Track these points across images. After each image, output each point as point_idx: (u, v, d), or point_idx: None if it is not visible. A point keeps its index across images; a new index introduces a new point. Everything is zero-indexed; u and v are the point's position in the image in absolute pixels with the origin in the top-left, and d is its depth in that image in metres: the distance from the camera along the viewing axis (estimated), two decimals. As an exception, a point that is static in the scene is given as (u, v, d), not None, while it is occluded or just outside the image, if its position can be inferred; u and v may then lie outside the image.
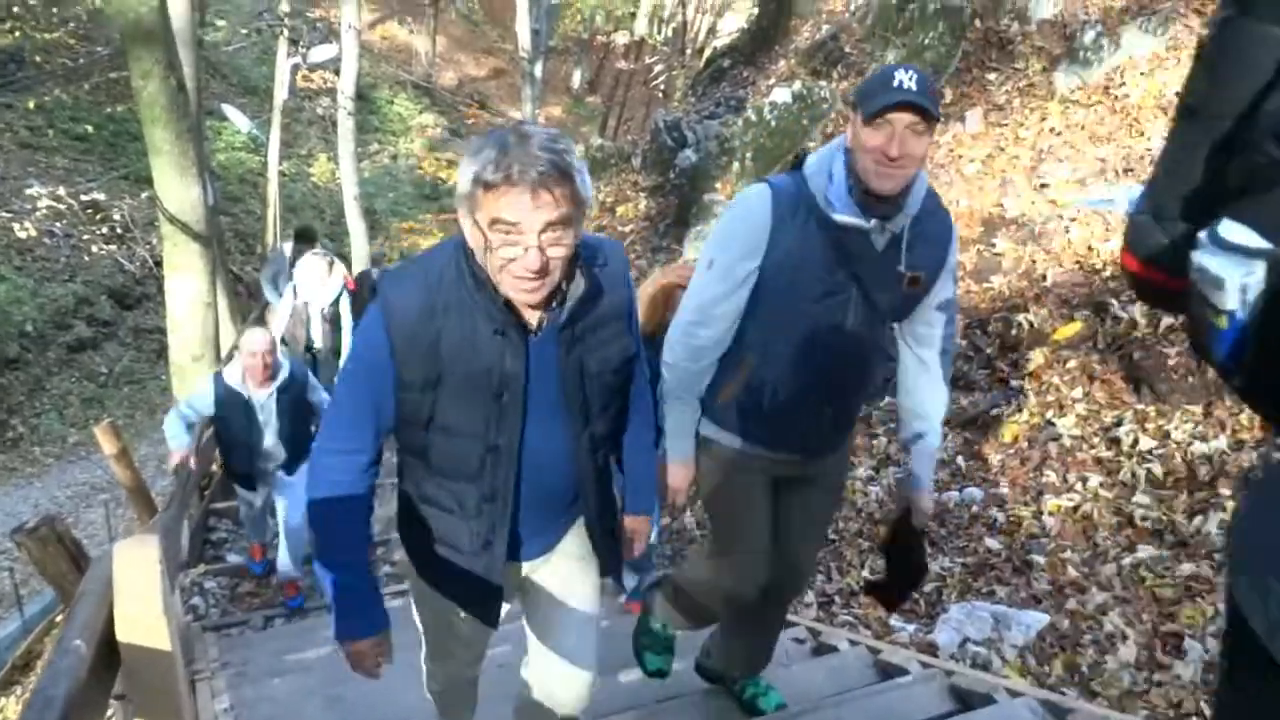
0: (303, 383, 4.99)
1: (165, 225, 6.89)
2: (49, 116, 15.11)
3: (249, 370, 4.70)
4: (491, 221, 1.50)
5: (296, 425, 4.99)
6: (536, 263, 1.50)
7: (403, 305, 1.65)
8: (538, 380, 1.71)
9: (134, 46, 6.37)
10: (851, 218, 2.03)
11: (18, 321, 11.76)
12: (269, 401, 4.82)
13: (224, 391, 4.79)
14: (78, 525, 9.00)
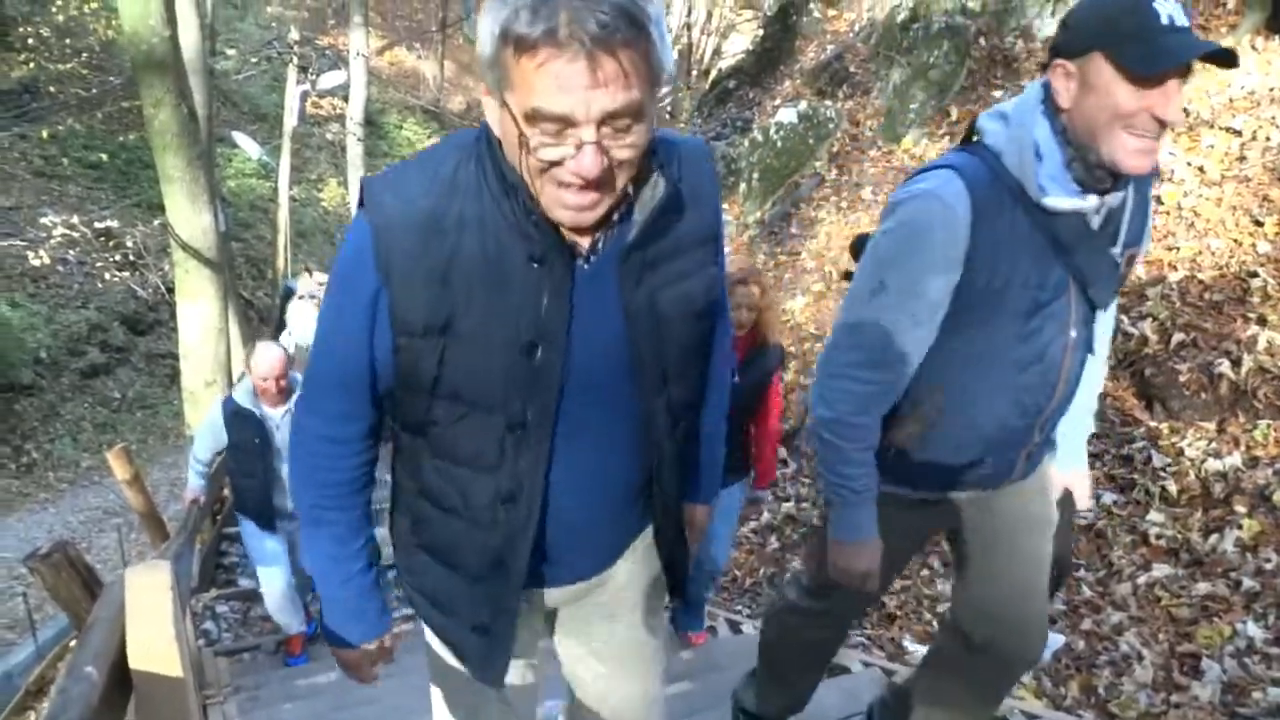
0: None
1: (177, 252, 6.95)
2: (62, 145, 15.29)
3: (261, 394, 4.29)
4: (529, 114, 1.04)
5: None
6: (594, 167, 1.04)
7: (399, 213, 1.18)
8: (586, 329, 1.23)
9: (146, 76, 6.45)
10: (1071, 200, 1.57)
11: (32, 348, 11.85)
12: (285, 420, 4.23)
13: (233, 412, 4.31)
14: (91, 550, 9.04)
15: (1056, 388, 1.71)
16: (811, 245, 7.95)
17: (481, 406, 1.24)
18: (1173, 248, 4.97)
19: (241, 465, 4.39)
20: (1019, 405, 1.71)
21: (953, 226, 1.57)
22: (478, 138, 1.20)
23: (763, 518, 5.69)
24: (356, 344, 1.24)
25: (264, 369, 4.19)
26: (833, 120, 8.99)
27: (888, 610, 4.24)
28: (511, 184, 1.14)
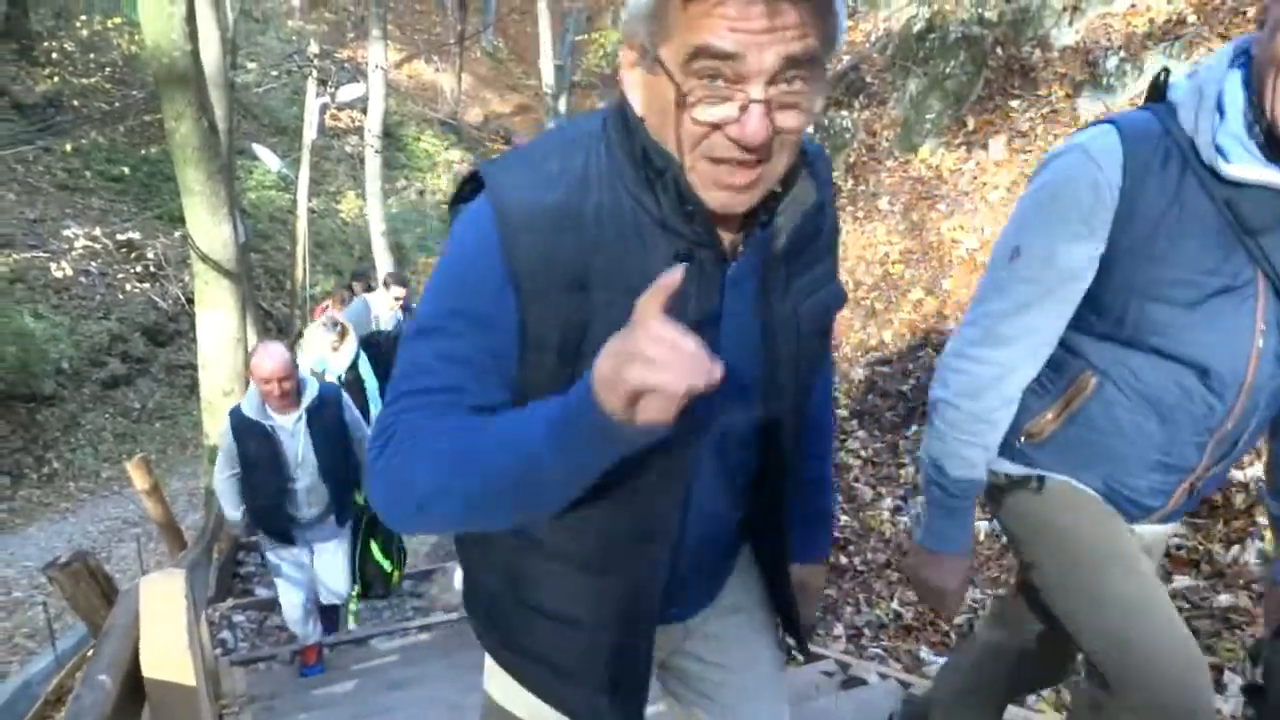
0: (336, 403, 4.19)
1: (197, 263, 7.02)
2: (86, 159, 15.48)
3: (267, 398, 3.96)
4: (692, 54, 0.88)
5: (335, 459, 4.14)
6: (760, 131, 0.89)
7: (531, 206, 0.99)
8: (732, 337, 1.07)
9: (167, 90, 6.53)
10: (1257, 169, 1.28)
11: (54, 359, 11.98)
12: (297, 428, 4.01)
13: (240, 423, 4.00)
14: (110, 560, 9.10)
15: (1234, 406, 1.39)
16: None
17: None
18: (1192, 257, 4.93)
19: (254, 480, 4.07)
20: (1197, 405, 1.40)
21: (1099, 188, 1.34)
22: (604, 124, 1.03)
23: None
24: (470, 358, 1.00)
25: (266, 369, 3.85)
26: (849, 130, 8.98)
27: (905, 621, 4.21)
28: (658, 168, 0.97)
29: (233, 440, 4.02)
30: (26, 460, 11.01)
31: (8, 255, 12.32)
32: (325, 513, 4.24)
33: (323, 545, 4.38)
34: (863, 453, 5.82)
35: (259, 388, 3.94)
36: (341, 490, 4.23)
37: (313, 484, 4.10)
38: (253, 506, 4.16)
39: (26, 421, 11.28)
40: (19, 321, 11.73)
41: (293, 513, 4.13)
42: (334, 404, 4.18)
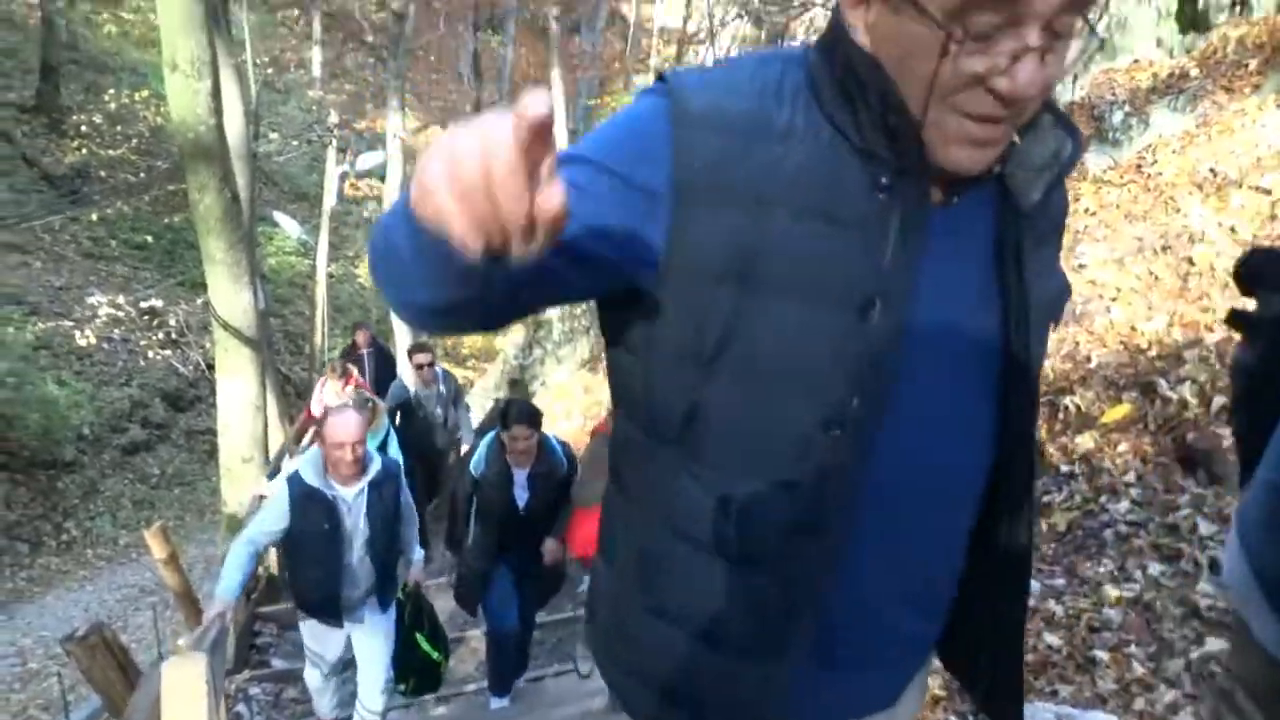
0: (397, 480, 3.98)
1: (218, 330, 7.10)
2: (111, 227, 15.79)
3: (335, 464, 3.67)
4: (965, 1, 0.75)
5: (387, 538, 3.94)
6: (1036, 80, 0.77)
7: (711, 107, 0.86)
8: (935, 299, 0.88)
9: (192, 161, 6.67)
10: None
11: (75, 425, 12.07)
12: (358, 501, 3.77)
13: (301, 492, 3.70)
14: (126, 629, 9.06)
15: None
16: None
17: (787, 389, 0.85)
18: (1208, 309, 4.92)
19: (306, 555, 3.77)
20: None
21: None
22: (804, 50, 0.90)
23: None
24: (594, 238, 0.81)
25: (341, 433, 3.58)
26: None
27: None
28: (861, 81, 0.82)
29: (288, 508, 3.69)
30: (46, 528, 11.03)
31: (34, 323, 12.50)
32: (368, 594, 3.99)
33: (363, 629, 4.07)
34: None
35: (329, 454, 3.65)
36: (387, 571, 4.01)
37: (360, 561, 3.85)
38: (299, 581, 3.91)
39: (47, 488, 11.33)
40: (43, 389, 11.85)
41: (344, 591, 3.86)
42: (395, 480, 3.97)
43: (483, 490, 4.37)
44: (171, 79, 6.42)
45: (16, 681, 8.21)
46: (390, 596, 4.12)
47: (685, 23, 29.40)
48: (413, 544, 4.33)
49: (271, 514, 3.74)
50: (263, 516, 3.81)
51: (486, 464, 4.37)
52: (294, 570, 3.91)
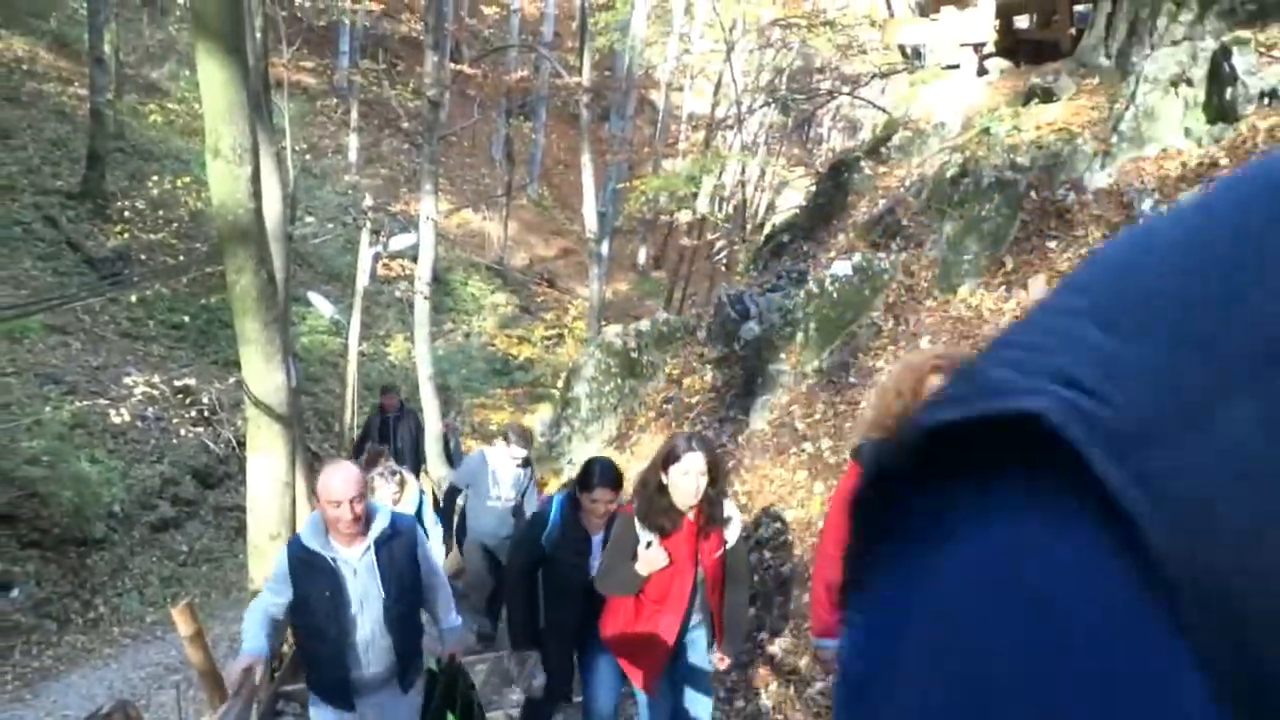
0: (410, 536, 3.56)
1: (250, 408, 7.19)
2: (149, 308, 16.16)
3: (333, 525, 3.35)
4: None
5: (404, 604, 3.52)
6: None
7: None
8: None
9: (231, 244, 6.85)
10: None
11: (106, 503, 12.17)
12: (364, 563, 3.37)
13: (299, 554, 3.38)
14: (149, 707, 8.97)
15: None
16: (871, 394, 7.92)
17: None
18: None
19: (309, 624, 3.41)
20: None
21: None
22: None
23: (830, 678, 5.46)
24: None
25: (338, 489, 3.25)
26: (887, 271, 9.12)
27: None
28: None
29: (288, 573, 3.39)
30: (74, 605, 11.05)
31: (71, 402, 12.72)
32: (388, 675, 3.53)
33: (382, 715, 3.63)
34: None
35: (325, 513, 3.33)
36: (408, 644, 3.58)
37: (374, 636, 3.41)
38: (306, 651, 3.56)
39: (77, 565, 11.38)
40: (76, 466, 12.00)
41: (354, 672, 3.42)
42: (407, 536, 3.54)
43: (557, 563, 4.00)
44: (214, 165, 6.64)
45: (37, 762, 8.14)
46: (413, 677, 3.69)
47: (713, 109, 30.13)
48: (446, 610, 3.82)
49: (274, 581, 3.45)
50: (269, 582, 3.51)
51: (562, 532, 3.97)
52: (301, 646, 3.60)
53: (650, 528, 3.48)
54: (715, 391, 10.47)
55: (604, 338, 12.43)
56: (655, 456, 3.58)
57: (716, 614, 3.78)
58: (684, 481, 3.38)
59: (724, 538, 3.66)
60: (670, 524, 3.48)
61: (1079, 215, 7.71)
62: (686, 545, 3.55)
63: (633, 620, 3.67)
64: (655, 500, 3.47)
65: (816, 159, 30.88)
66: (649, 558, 3.43)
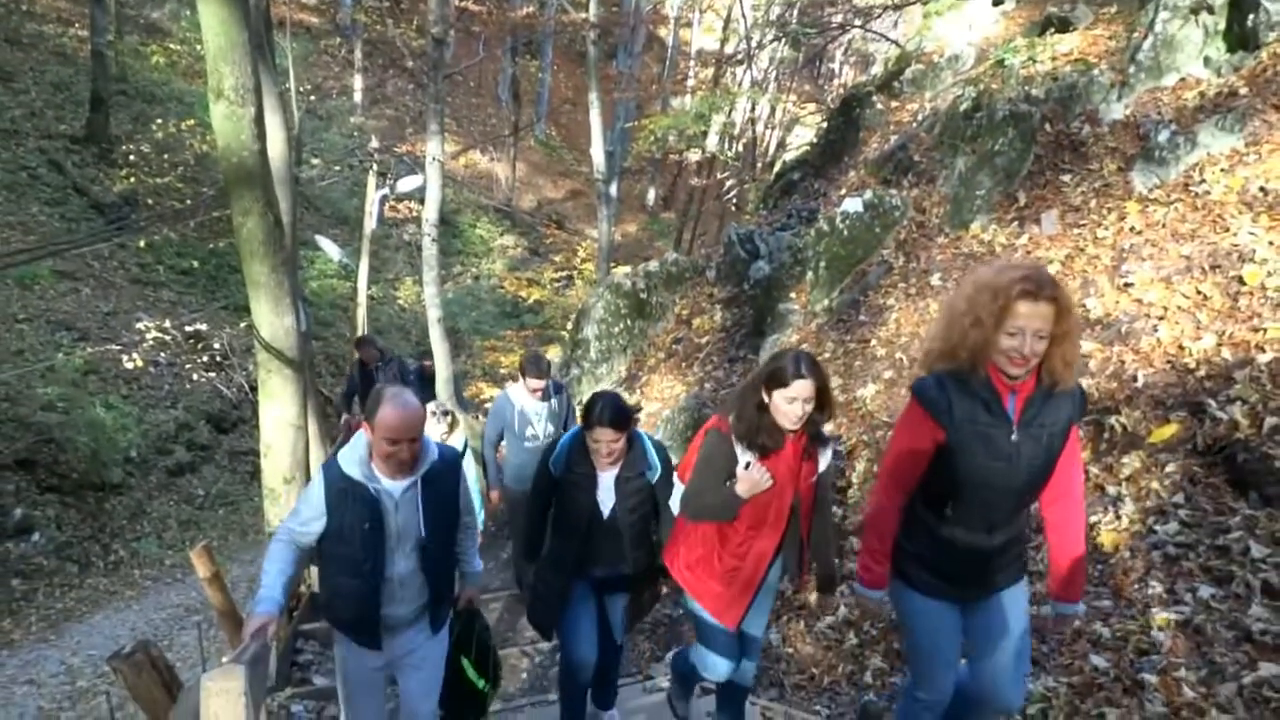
0: (455, 471, 3.33)
1: (260, 353, 7.20)
2: (158, 253, 16.17)
3: (384, 460, 3.06)
4: None
5: (442, 542, 3.31)
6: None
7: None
8: None
9: (236, 187, 6.79)
10: None
11: (123, 448, 12.31)
12: (408, 497, 3.13)
13: (338, 482, 3.08)
14: (171, 648, 9.18)
15: None
16: (881, 332, 7.89)
17: None
18: (1259, 329, 4.81)
19: (343, 555, 3.13)
20: None
21: None
22: None
23: (839, 612, 5.53)
24: None
25: (398, 426, 2.97)
26: (899, 208, 9.01)
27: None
28: None
29: (323, 502, 3.09)
30: (94, 549, 11.24)
31: (83, 348, 12.80)
32: (418, 614, 3.33)
33: (411, 657, 3.40)
34: (924, 534, 5.68)
35: (377, 447, 3.03)
36: (442, 583, 3.38)
37: (409, 573, 3.20)
38: (333, 587, 3.26)
39: (95, 510, 11.55)
40: (91, 412, 12.11)
41: (379, 607, 3.20)
42: (453, 472, 3.31)
43: (563, 492, 3.76)
44: (216, 106, 6.55)
45: (66, 700, 8.34)
46: (444, 616, 3.48)
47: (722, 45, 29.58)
48: (472, 554, 3.66)
49: (306, 509, 3.13)
50: (298, 510, 3.20)
51: (568, 463, 3.73)
52: (328, 579, 3.27)
53: (750, 447, 3.18)
54: (724, 331, 10.44)
55: (613, 279, 12.38)
56: (759, 373, 3.27)
57: (806, 540, 3.42)
58: (790, 408, 3.10)
59: (819, 461, 3.32)
60: (773, 443, 3.17)
61: (1093, 148, 7.57)
62: (788, 466, 3.23)
63: (719, 549, 3.34)
64: (756, 419, 3.16)
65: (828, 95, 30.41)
66: (751, 478, 3.14)
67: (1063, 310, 2.57)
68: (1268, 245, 5.29)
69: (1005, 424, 2.64)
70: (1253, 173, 5.98)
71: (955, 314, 2.65)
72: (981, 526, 2.76)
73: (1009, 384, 2.64)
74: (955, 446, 2.66)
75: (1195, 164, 6.54)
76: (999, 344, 2.56)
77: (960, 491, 2.73)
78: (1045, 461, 2.71)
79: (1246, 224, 5.60)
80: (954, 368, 2.66)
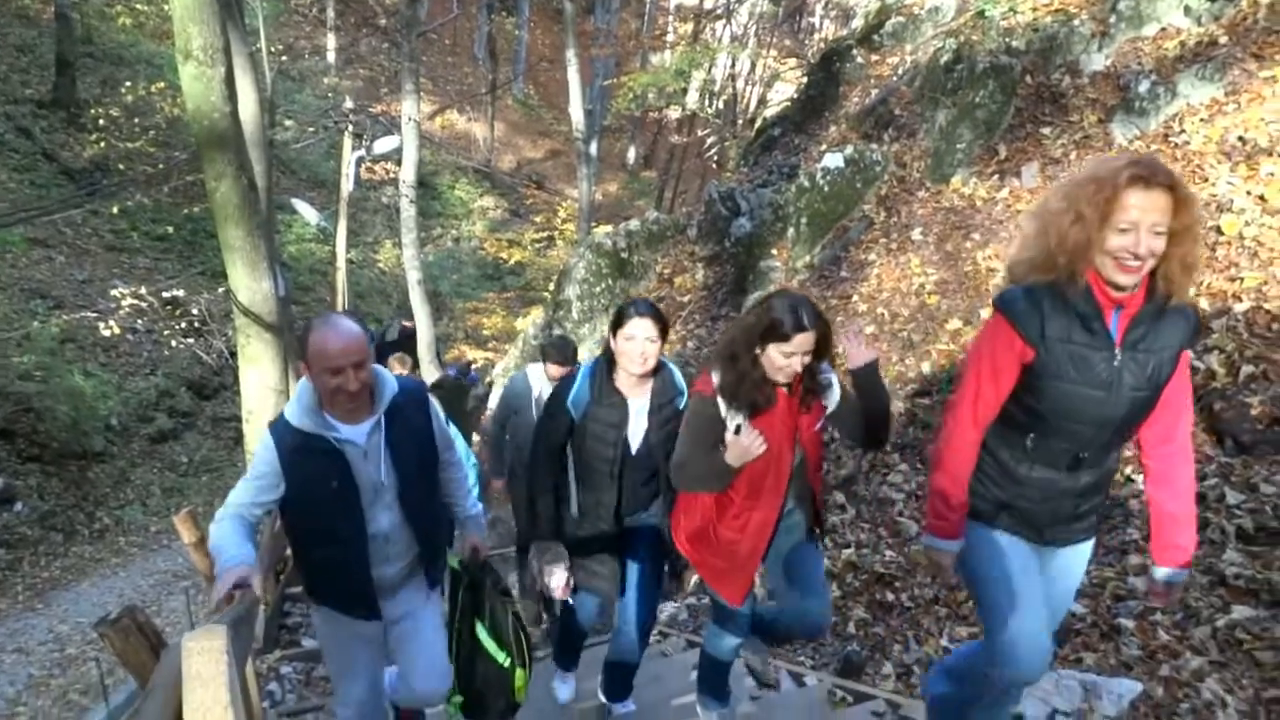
0: (422, 405, 2.86)
1: (239, 318, 7.16)
2: (132, 219, 15.94)
3: (330, 398, 2.60)
4: None
5: (424, 485, 2.88)
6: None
7: None
8: None
9: (208, 149, 6.70)
10: None
11: (103, 415, 12.23)
12: (374, 441, 2.68)
13: (288, 438, 2.61)
14: (160, 613, 9.20)
15: None
16: (863, 288, 7.90)
17: None
18: (1236, 278, 4.84)
19: (314, 526, 2.72)
20: None
21: None
22: None
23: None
24: None
25: (335, 351, 2.51)
26: (879, 163, 8.98)
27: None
28: None
29: (277, 465, 2.60)
30: (79, 517, 11.21)
31: (59, 316, 12.66)
32: (410, 571, 2.92)
33: (406, 622, 2.97)
34: (905, 486, 5.74)
35: (319, 384, 2.58)
36: (433, 532, 2.96)
37: (393, 527, 2.77)
38: (314, 570, 2.85)
39: (78, 478, 11.50)
40: (70, 380, 12.01)
41: (368, 573, 2.77)
42: (419, 405, 2.85)
43: (590, 430, 3.19)
44: (185, 67, 6.44)
45: (55, 667, 8.37)
46: (440, 570, 3.05)
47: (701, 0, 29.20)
48: (465, 494, 3.17)
49: (256, 480, 2.62)
50: (244, 484, 2.65)
51: (592, 396, 3.18)
52: (305, 556, 2.84)
53: (739, 407, 2.79)
54: (707, 289, 10.43)
55: (594, 239, 12.32)
56: (747, 323, 2.82)
57: (816, 495, 3.10)
58: (788, 363, 2.71)
59: (824, 405, 2.91)
60: (764, 400, 2.78)
61: (1074, 100, 7.55)
62: (783, 424, 2.84)
63: (716, 521, 2.98)
64: (746, 375, 2.76)
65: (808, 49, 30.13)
66: (741, 444, 2.73)
67: (1182, 201, 2.13)
68: (1245, 195, 5.31)
69: (1106, 345, 2.23)
70: (1231, 122, 5.99)
71: (1051, 214, 2.24)
72: (1065, 463, 2.37)
73: (1114, 298, 2.21)
74: (1044, 369, 2.27)
75: (1175, 114, 6.54)
76: (1106, 244, 2.14)
77: (1045, 422, 2.33)
78: (1149, 393, 2.29)
79: (1225, 174, 5.62)
80: (1048, 280, 2.26)
